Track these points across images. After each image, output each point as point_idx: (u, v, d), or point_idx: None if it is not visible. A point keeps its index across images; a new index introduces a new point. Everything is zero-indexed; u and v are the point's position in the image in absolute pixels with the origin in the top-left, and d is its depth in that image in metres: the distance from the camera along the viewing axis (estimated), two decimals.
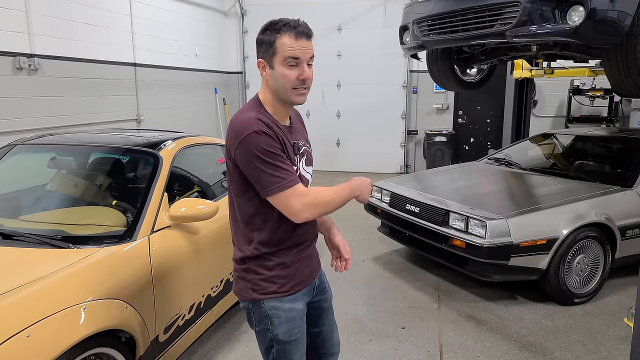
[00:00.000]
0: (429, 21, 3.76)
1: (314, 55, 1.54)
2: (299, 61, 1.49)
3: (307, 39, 1.49)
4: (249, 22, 9.10)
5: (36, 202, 2.85)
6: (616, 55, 3.11)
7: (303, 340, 1.69)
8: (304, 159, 1.62)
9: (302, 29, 1.48)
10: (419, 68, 8.28)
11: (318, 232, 1.78)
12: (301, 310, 1.65)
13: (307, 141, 1.70)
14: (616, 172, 4.18)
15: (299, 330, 1.65)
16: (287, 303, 1.61)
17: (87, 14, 5.52)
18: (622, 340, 3.03)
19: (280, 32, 1.47)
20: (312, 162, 1.69)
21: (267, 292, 1.59)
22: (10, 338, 1.59)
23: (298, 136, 1.64)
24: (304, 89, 1.53)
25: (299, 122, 1.73)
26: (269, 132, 1.47)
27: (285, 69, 1.49)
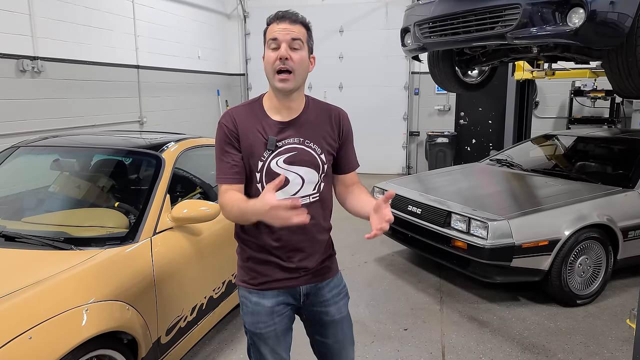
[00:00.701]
0: (430, 23, 3.76)
1: (302, 40, 1.52)
2: (278, 42, 1.51)
3: (290, 23, 1.51)
4: (252, 25, 9.13)
5: (39, 204, 2.86)
6: (617, 56, 3.11)
7: (273, 338, 1.67)
8: (284, 157, 1.56)
9: (284, 14, 1.52)
10: (420, 70, 8.28)
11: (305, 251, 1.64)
12: (269, 307, 1.64)
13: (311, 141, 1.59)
14: (618, 173, 4.17)
15: (265, 326, 1.65)
16: (254, 296, 1.65)
17: (90, 17, 5.54)
18: (624, 342, 3.03)
19: (269, 22, 1.55)
20: (307, 164, 1.58)
21: (241, 280, 1.69)
22: (13, 340, 1.59)
23: (293, 133, 1.58)
24: (286, 73, 1.51)
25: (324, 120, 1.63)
26: (227, 125, 1.56)
27: (268, 52, 1.54)
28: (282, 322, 1.68)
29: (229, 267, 2.98)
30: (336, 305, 1.73)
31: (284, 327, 1.69)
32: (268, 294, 1.64)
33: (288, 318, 1.71)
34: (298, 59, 1.51)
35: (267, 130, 1.57)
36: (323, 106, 1.68)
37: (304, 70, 1.55)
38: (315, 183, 1.61)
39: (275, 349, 1.68)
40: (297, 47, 1.52)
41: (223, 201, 1.55)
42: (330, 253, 1.73)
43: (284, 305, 1.67)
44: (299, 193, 1.59)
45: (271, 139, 1.55)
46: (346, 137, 1.68)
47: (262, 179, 1.57)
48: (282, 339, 1.70)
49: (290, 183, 1.57)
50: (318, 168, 1.60)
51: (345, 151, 1.69)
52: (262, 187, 1.56)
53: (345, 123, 1.68)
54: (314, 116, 1.63)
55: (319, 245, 1.66)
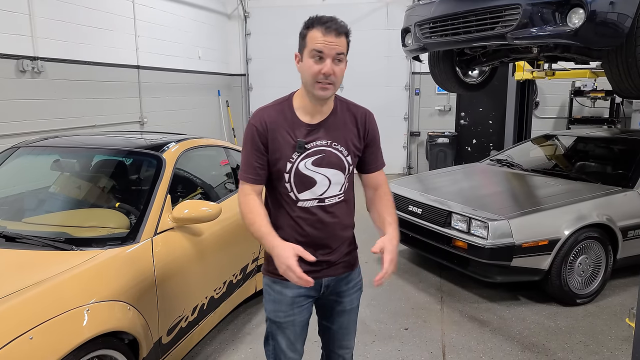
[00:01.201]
0: (430, 23, 3.77)
1: (345, 52, 1.56)
2: (323, 55, 1.53)
3: (336, 35, 1.53)
4: (252, 25, 9.13)
5: (39, 205, 2.87)
6: (616, 57, 3.12)
7: (291, 328, 1.74)
8: (312, 159, 1.61)
9: (331, 25, 1.53)
10: (421, 70, 8.29)
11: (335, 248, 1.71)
12: (290, 298, 1.71)
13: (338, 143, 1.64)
14: (617, 173, 4.18)
15: (285, 315, 1.72)
16: (278, 286, 1.71)
17: (91, 17, 5.55)
18: (624, 341, 3.03)
19: (312, 27, 1.55)
20: (334, 166, 1.64)
21: (266, 270, 1.76)
22: (14, 340, 1.60)
23: (321, 135, 1.63)
24: (327, 84, 1.55)
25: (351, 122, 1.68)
26: (257, 127, 1.62)
27: (310, 61, 1.55)
28: (301, 314, 1.74)
29: (230, 267, 2.98)
30: (350, 297, 1.81)
31: (302, 319, 1.75)
32: (291, 285, 1.65)
33: (307, 310, 1.77)
34: (340, 72, 1.56)
35: (296, 132, 1.62)
36: (350, 107, 1.72)
37: (341, 80, 1.60)
38: (341, 184, 1.68)
39: (292, 340, 1.75)
40: (341, 59, 1.56)
41: (244, 203, 1.64)
42: (352, 248, 1.80)
43: (304, 297, 1.73)
44: (325, 194, 1.65)
45: (300, 142, 1.60)
46: (371, 138, 1.73)
47: (290, 179, 1.62)
48: (299, 331, 1.76)
49: (317, 184, 1.63)
50: (344, 169, 1.66)
51: (370, 151, 1.73)
52: (291, 187, 1.63)
53: (370, 124, 1.72)
54: (341, 118, 1.68)
55: (341, 241, 1.73)
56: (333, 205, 1.67)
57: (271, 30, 8.96)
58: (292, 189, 1.63)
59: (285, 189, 1.64)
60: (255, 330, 3.18)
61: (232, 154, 3.66)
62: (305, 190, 1.63)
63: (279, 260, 1.52)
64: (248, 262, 3.22)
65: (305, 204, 1.64)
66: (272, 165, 1.63)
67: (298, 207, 1.65)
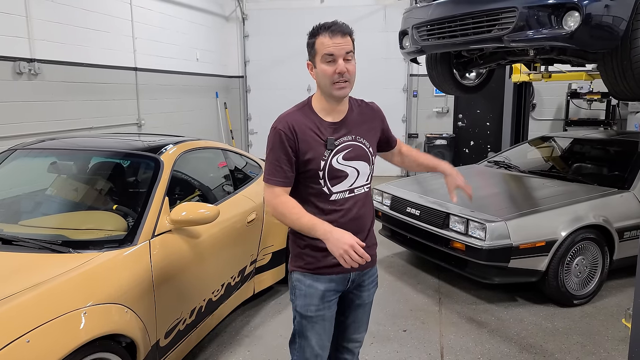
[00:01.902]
0: (428, 26, 3.78)
1: (352, 50, 1.67)
2: (334, 57, 1.64)
3: (342, 36, 1.64)
4: (250, 27, 9.14)
5: (36, 207, 2.86)
6: (612, 59, 3.13)
7: (320, 322, 1.78)
8: (342, 154, 1.73)
9: (335, 28, 1.65)
10: (419, 72, 8.32)
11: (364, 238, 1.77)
12: (321, 291, 1.76)
13: (361, 137, 1.78)
14: (614, 174, 4.19)
15: (316, 309, 1.77)
16: (308, 279, 1.77)
17: (88, 19, 5.54)
18: (620, 341, 3.04)
19: (318, 34, 1.67)
20: (361, 158, 1.77)
21: (295, 265, 1.81)
22: (10, 343, 1.59)
23: (346, 131, 1.75)
24: (343, 82, 1.66)
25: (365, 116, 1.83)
26: (285, 132, 1.69)
27: (324, 65, 1.66)
28: (330, 309, 1.80)
29: (228, 269, 2.98)
30: (368, 292, 1.89)
31: (330, 314, 1.81)
32: (322, 279, 1.76)
33: (334, 305, 1.83)
34: (352, 69, 1.68)
35: (323, 132, 1.72)
36: (361, 103, 1.86)
37: (355, 78, 1.71)
38: (368, 174, 1.80)
39: (321, 335, 1.80)
40: (350, 58, 1.67)
41: (281, 203, 1.70)
42: (374, 242, 1.88)
43: (333, 291, 1.79)
44: (354, 184, 1.76)
45: (330, 139, 1.71)
46: (386, 125, 1.93)
47: (324, 176, 1.72)
48: (328, 326, 1.82)
49: (348, 176, 1.75)
50: (369, 160, 1.79)
51: (388, 134, 1.95)
52: (325, 182, 1.72)
53: (380, 113, 1.90)
54: (358, 114, 1.81)
55: (370, 234, 1.83)
56: (362, 196, 1.78)
57: (269, 32, 8.97)
58: (325, 184, 1.73)
59: (319, 185, 1.73)
60: (253, 332, 3.18)
61: (230, 156, 3.66)
62: (337, 183, 1.73)
63: (340, 242, 1.56)
64: (246, 265, 3.21)
65: (338, 197, 1.74)
66: (303, 165, 1.71)
67: (331, 200, 1.74)
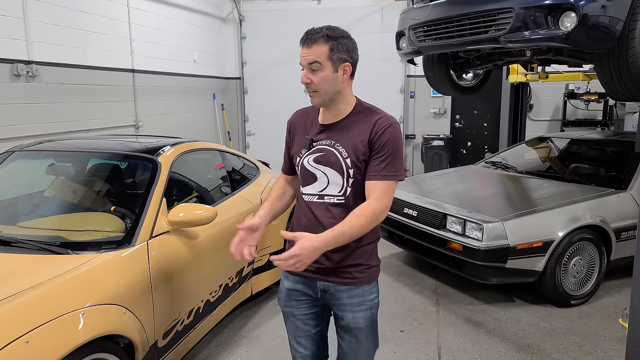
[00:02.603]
0: (424, 27, 3.79)
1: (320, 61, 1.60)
2: (303, 67, 1.65)
3: (308, 46, 1.62)
4: (247, 28, 9.14)
5: (34, 209, 2.86)
6: (608, 60, 3.15)
7: (290, 318, 1.84)
8: (314, 156, 1.71)
9: (304, 37, 1.63)
10: (416, 73, 8.32)
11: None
12: (286, 288, 1.82)
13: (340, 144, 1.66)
14: (611, 174, 4.21)
15: (284, 304, 1.84)
16: (283, 275, 1.85)
17: (85, 21, 5.54)
18: (617, 341, 3.05)
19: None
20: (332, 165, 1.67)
21: None
22: (9, 344, 1.60)
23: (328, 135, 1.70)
24: (312, 92, 1.66)
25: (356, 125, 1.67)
26: (288, 124, 1.84)
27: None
28: (299, 308, 1.81)
29: (226, 270, 2.98)
30: (352, 314, 1.73)
31: (301, 314, 1.81)
32: (290, 277, 1.81)
33: (307, 307, 1.81)
34: (317, 80, 1.63)
35: (311, 131, 1.75)
36: (370, 113, 1.69)
37: (329, 86, 1.63)
38: (341, 186, 1.69)
39: (294, 331, 1.85)
40: (316, 69, 1.62)
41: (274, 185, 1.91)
42: (358, 262, 1.71)
43: (301, 292, 1.79)
44: (324, 191, 1.71)
45: (307, 139, 1.73)
46: (379, 147, 1.63)
47: (299, 173, 1.77)
48: (301, 325, 1.82)
49: (318, 180, 1.71)
50: (342, 171, 1.68)
51: (373, 160, 1.65)
52: (300, 180, 1.76)
53: (380, 133, 1.63)
54: (353, 122, 1.69)
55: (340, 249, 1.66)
56: (333, 206, 1.68)
57: (266, 33, 8.98)
58: (301, 181, 1.76)
59: (299, 181, 1.78)
60: (250, 333, 3.18)
61: (227, 157, 3.66)
62: (307, 184, 1.73)
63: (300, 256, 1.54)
64: (244, 266, 3.22)
65: (307, 198, 1.73)
66: (292, 159, 1.81)
67: (302, 199, 1.76)
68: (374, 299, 1.77)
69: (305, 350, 1.85)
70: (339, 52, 1.62)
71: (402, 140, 1.71)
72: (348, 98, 1.71)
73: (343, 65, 1.64)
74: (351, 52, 1.66)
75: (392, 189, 1.66)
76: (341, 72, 1.64)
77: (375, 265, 1.77)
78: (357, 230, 1.59)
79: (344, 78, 1.65)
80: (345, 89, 1.68)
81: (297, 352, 1.88)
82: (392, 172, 1.65)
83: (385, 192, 1.64)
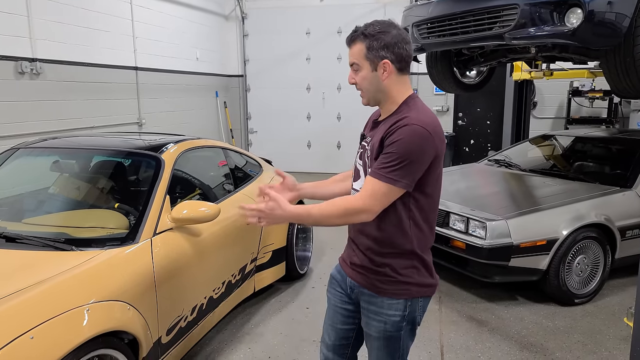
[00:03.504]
0: (428, 24, 3.78)
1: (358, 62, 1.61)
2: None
3: (349, 47, 1.64)
4: (250, 26, 9.13)
5: (39, 206, 2.87)
6: (614, 56, 3.13)
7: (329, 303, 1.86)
8: (359, 152, 1.74)
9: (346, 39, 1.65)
10: (418, 70, 8.29)
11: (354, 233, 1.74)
12: (330, 276, 1.87)
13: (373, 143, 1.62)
14: (616, 173, 4.19)
15: (327, 289, 1.88)
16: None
17: (89, 18, 5.54)
18: (622, 340, 3.04)
19: None
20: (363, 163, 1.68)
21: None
22: (15, 340, 1.60)
23: (372, 133, 1.69)
24: (361, 92, 1.67)
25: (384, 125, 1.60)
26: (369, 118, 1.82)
27: None
28: (333, 296, 1.84)
29: (229, 267, 2.99)
30: (367, 320, 1.71)
31: (334, 304, 1.83)
32: (337, 266, 1.86)
33: (340, 301, 1.81)
34: (360, 79, 1.63)
35: (367, 128, 1.77)
36: (402, 111, 1.59)
37: (370, 85, 1.62)
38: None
39: (327, 318, 1.88)
40: (356, 69, 1.63)
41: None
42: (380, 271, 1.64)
43: (337, 284, 1.83)
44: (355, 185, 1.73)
45: (362, 135, 1.78)
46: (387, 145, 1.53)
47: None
48: (331, 314, 1.85)
49: (360, 177, 1.71)
50: (366, 170, 1.66)
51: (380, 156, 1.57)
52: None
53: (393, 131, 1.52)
54: (388, 120, 1.62)
55: (365, 247, 1.67)
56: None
57: (269, 31, 8.97)
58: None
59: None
60: (253, 330, 3.19)
61: (230, 154, 3.67)
62: (354, 180, 1.75)
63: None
64: (247, 262, 3.22)
65: (352, 193, 1.74)
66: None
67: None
68: (394, 317, 1.65)
69: (328, 340, 1.87)
70: (375, 50, 1.56)
71: (419, 147, 1.49)
72: (394, 97, 1.61)
73: (382, 63, 1.57)
74: (392, 48, 1.56)
75: (383, 193, 1.49)
76: (381, 71, 1.57)
77: (407, 282, 1.63)
78: (324, 217, 1.54)
79: (385, 76, 1.58)
80: (389, 87, 1.60)
81: (322, 340, 1.91)
82: (388, 174, 1.49)
83: (372, 193, 1.50)
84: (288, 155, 8.63)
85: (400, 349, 1.72)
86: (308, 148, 9.13)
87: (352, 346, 1.87)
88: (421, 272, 1.66)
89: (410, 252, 1.63)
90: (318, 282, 3.95)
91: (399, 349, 1.71)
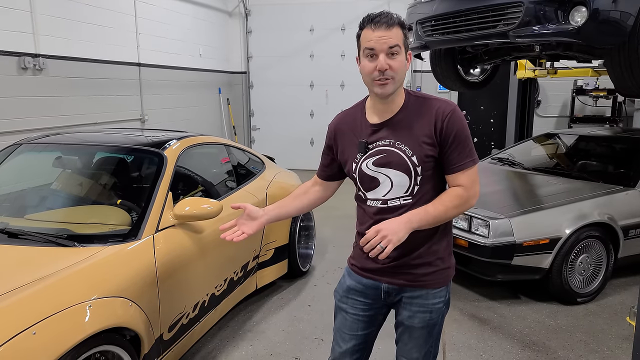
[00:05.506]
0: (432, 21, 3.76)
1: (400, 43, 1.49)
2: (374, 52, 1.48)
3: (386, 28, 1.47)
4: (253, 22, 9.12)
5: (41, 201, 2.87)
6: (619, 55, 3.11)
7: (341, 313, 1.77)
8: (373, 159, 1.58)
9: (379, 19, 1.48)
10: (422, 68, 8.27)
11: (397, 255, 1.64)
12: (346, 286, 1.75)
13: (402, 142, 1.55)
14: (619, 172, 4.17)
15: (339, 298, 1.77)
16: (345, 271, 1.79)
17: (92, 14, 5.54)
18: (624, 339, 3.03)
19: (363, 27, 1.53)
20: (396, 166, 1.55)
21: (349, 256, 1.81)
22: (17, 335, 1.60)
23: (385, 134, 1.58)
24: (385, 80, 1.50)
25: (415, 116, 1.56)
26: (329, 129, 1.73)
27: (365, 61, 1.53)
28: (353, 308, 1.73)
29: (231, 264, 2.99)
30: (411, 314, 1.67)
31: (353, 313, 1.73)
32: (352, 276, 1.74)
33: (361, 310, 1.72)
34: (397, 65, 1.50)
35: (362, 133, 1.62)
36: (425, 102, 1.57)
37: (402, 73, 1.53)
38: (407, 186, 1.57)
39: (340, 327, 1.78)
40: (395, 52, 1.49)
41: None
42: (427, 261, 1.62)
43: (360, 293, 1.71)
44: (388, 195, 1.59)
45: (361, 142, 1.60)
46: (447, 135, 1.52)
47: (356, 179, 1.65)
48: (348, 325, 1.74)
49: (381, 185, 1.59)
50: (409, 171, 1.55)
51: (448, 151, 1.54)
52: (359, 187, 1.65)
53: (446, 120, 1.52)
54: (411, 115, 1.56)
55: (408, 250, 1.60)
56: (398, 209, 1.57)
57: (272, 27, 8.95)
58: (360, 188, 1.65)
59: (357, 188, 1.68)
60: (255, 327, 3.19)
61: (233, 151, 3.66)
62: (370, 190, 1.61)
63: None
64: (249, 260, 3.22)
65: (372, 203, 1.62)
66: (343, 165, 1.71)
67: (367, 205, 1.64)
68: (438, 304, 1.65)
69: (345, 345, 1.76)
70: (407, 40, 1.54)
71: (465, 121, 1.58)
72: (402, 90, 1.60)
73: (409, 54, 1.55)
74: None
75: (477, 174, 1.57)
76: (408, 59, 1.55)
77: (446, 268, 1.66)
78: (441, 212, 1.52)
79: (407, 66, 1.55)
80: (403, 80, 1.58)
81: (336, 344, 1.80)
82: (472, 158, 1.55)
83: (473, 180, 1.55)
84: (291, 152, 8.63)
85: (440, 331, 1.75)
86: (311, 145, 9.12)
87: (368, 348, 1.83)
88: (452, 252, 1.72)
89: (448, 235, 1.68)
90: (320, 279, 3.95)
91: (440, 331, 1.75)
